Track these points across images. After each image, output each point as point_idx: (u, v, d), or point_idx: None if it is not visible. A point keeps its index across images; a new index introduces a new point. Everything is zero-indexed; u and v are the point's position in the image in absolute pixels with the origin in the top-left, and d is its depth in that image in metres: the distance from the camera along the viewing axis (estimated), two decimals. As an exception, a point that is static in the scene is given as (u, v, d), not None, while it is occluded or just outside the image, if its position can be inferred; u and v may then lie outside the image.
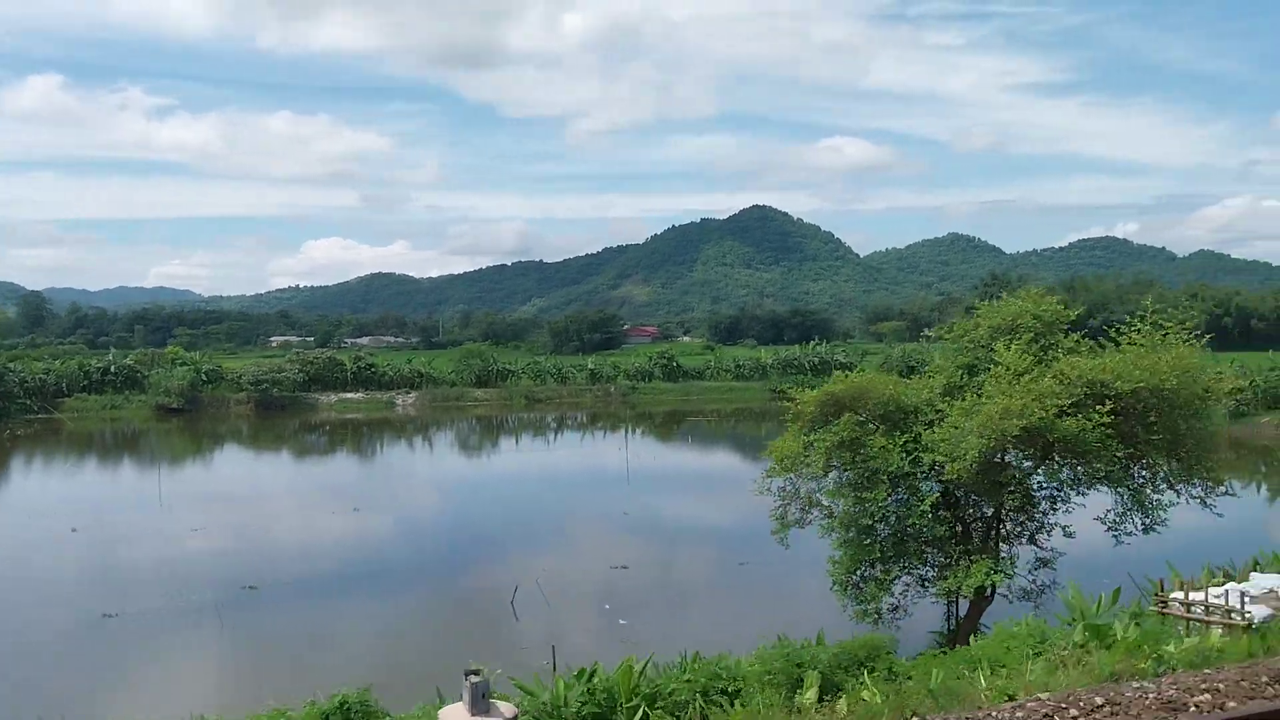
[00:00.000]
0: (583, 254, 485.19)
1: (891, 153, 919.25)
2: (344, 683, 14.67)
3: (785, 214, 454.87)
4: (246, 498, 49.43)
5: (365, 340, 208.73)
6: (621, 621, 26.12)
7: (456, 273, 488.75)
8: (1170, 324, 19.49)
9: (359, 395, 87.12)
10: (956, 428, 17.36)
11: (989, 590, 18.83)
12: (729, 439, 68.75)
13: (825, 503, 19.70)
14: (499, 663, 21.67)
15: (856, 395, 19.18)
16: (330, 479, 56.53)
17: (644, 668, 13.96)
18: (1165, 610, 13.41)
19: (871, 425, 19.18)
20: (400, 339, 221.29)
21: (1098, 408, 16.94)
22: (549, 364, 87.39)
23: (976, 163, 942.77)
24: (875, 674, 11.59)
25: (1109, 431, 17.04)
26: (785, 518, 20.48)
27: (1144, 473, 18.85)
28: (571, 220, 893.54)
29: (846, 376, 19.64)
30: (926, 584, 19.27)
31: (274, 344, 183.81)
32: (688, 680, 12.72)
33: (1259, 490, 46.23)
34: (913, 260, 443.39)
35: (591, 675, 13.54)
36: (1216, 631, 12.14)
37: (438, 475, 58.59)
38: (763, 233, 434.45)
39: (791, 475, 20.16)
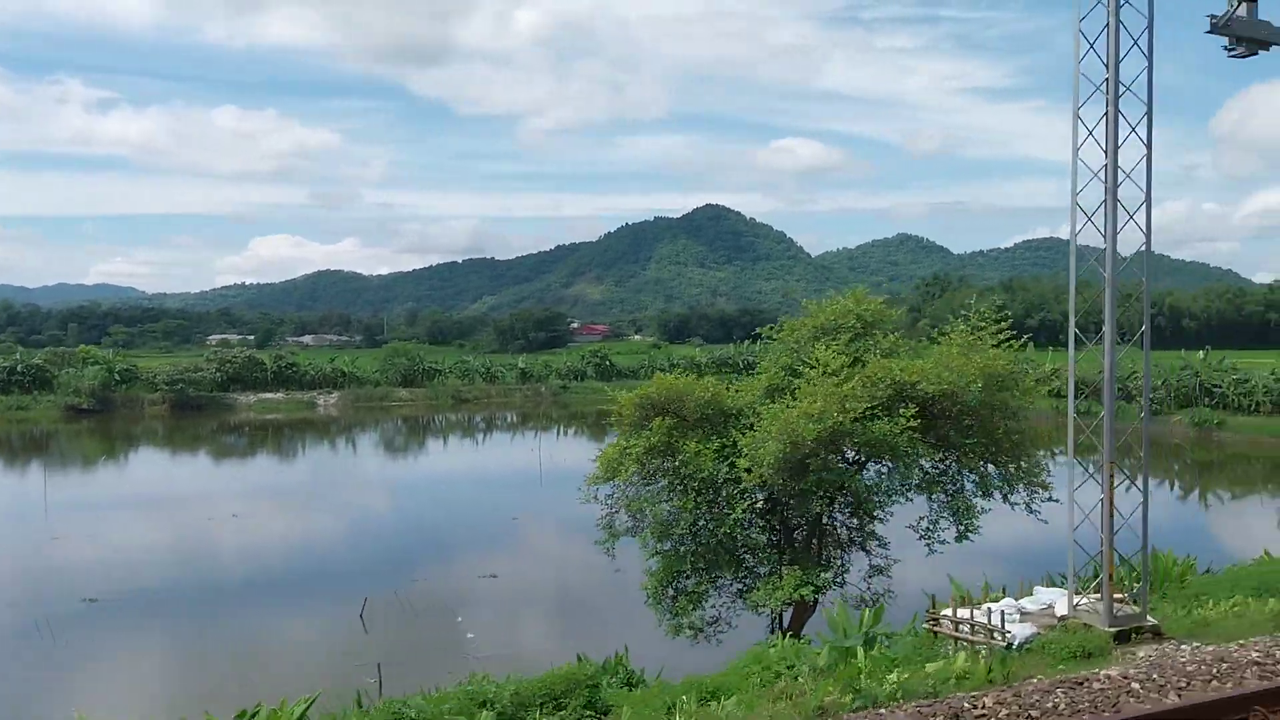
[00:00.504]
0: (535, 252, 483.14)
1: (843, 154, 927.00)
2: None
3: (738, 213, 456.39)
4: (136, 503, 47.73)
5: (308, 339, 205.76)
6: (470, 635, 25.09)
7: (407, 270, 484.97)
8: (987, 325, 18.79)
9: (279, 395, 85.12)
10: (762, 432, 16.51)
11: (812, 602, 18.03)
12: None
13: (647, 511, 18.78)
14: (329, 681, 20.79)
15: (673, 398, 18.28)
16: (233, 483, 54.86)
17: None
18: (936, 629, 12.62)
19: (689, 429, 18.29)
20: (344, 337, 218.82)
21: (902, 410, 16.20)
22: (478, 363, 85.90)
23: (926, 165, 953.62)
24: (566, 712, 10.60)
25: (916, 435, 16.31)
26: (613, 526, 19.55)
27: (961, 477, 18.13)
28: (525, 219, 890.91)
29: (664, 378, 18.71)
30: (743, 596, 18.38)
31: (212, 343, 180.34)
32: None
33: (1171, 489, 45.74)
34: (863, 260, 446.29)
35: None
36: (981, 652, 11.38)
37: (341, 479, 57.04)
38: (716, 232, 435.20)
39: (618, 482, 19.23)
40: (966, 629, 11.97)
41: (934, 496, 17.72)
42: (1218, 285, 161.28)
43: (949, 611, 12.62)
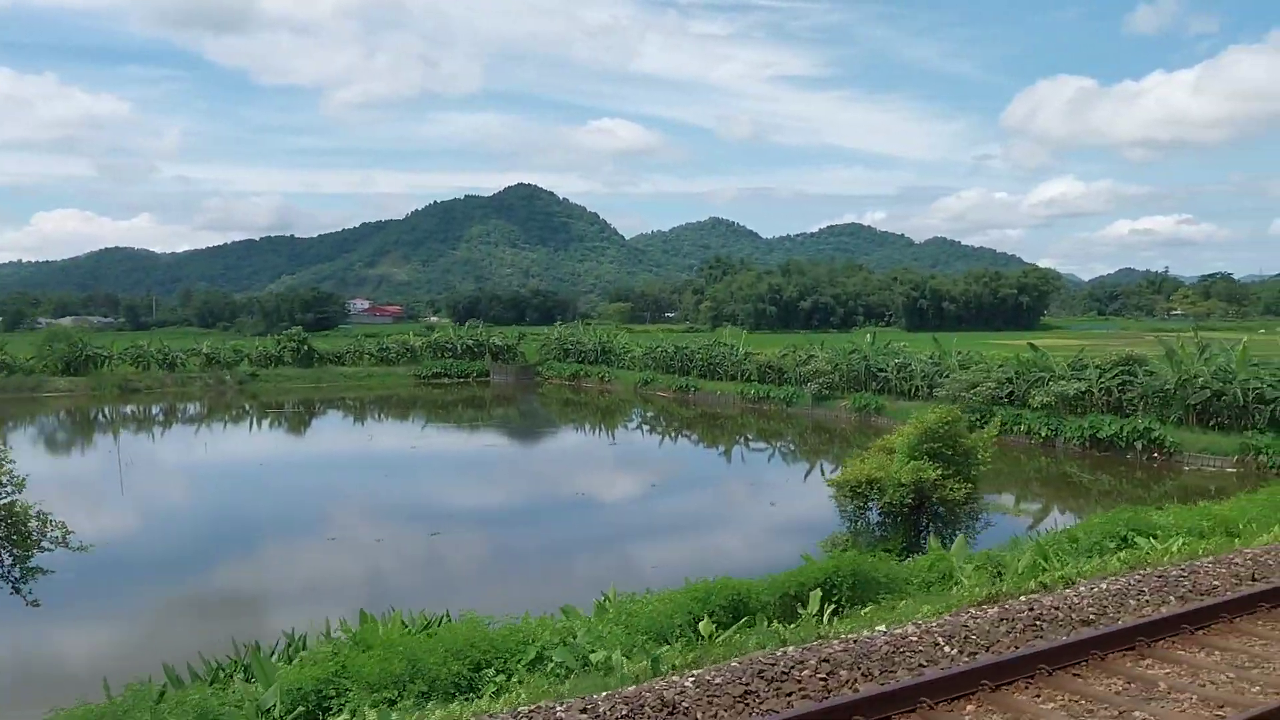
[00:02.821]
0: (339, 230, 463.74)
1: (659, 138, 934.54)
2: None
3: (551, 193, 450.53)
4: None
5: (68, 320, 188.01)
6: None
7: (203, 248, 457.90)
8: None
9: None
10: None
11: None
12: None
13: None
14: None
15: None
16: None
17: None
18: None
19: None
20: (109, 319, 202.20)
21: None
22: (154, 347, 76.69)
23: (739, 150, 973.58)
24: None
25: None
26: None
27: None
28: (334, 196, 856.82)
29: None
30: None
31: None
32: None
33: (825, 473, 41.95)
34: (676, 243, 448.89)
35: None
36: None
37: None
38: (528, 212, 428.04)
39: None
40: None
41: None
42: (975, 269, 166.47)
43: None
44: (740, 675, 7.89)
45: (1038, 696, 7.70)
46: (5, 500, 15.65)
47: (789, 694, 7.70)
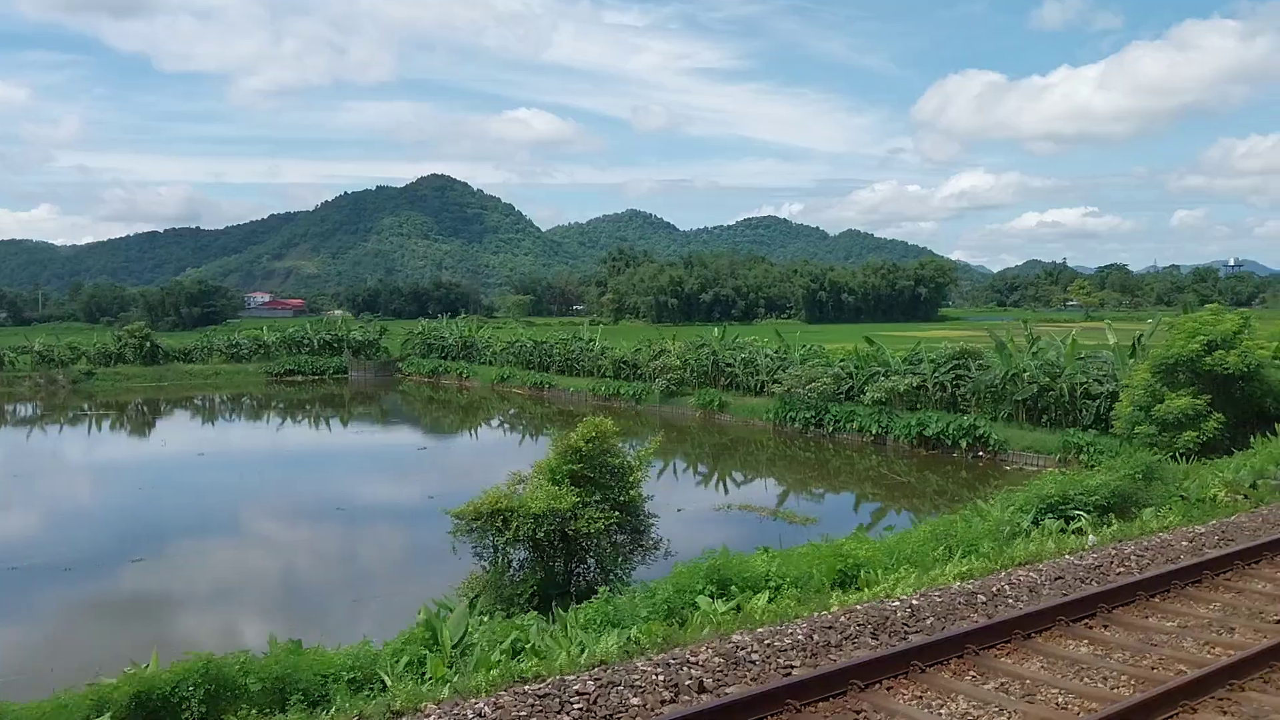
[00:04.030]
0: (247, 221, 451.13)
1: (575, 128, 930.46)
2: None
3: (465, 184, 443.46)
4: None
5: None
6: None
7: (104, 241, 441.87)
8: None
9: None
10: None
11: None
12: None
13: None
14: None
15: None
16: None
17: None
18: None
19: None
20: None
21: None
22: (-16, 345, 71.59)
23: (655, 142, 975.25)
24: None
25: None
26: None
27: None
28: (244, 186, 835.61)
29: None
30: None
31: None
32: None
33: (694, 472, 39.25)
34: (593, 235, 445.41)
35: None
36: None
37: None
38: (441, 203, 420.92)
39: None
40: None
41: None
42: (874, 261, 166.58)
43: None
44: None
45: None
46: None
47: None
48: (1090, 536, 13.70)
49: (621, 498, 13.84)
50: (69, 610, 19.28)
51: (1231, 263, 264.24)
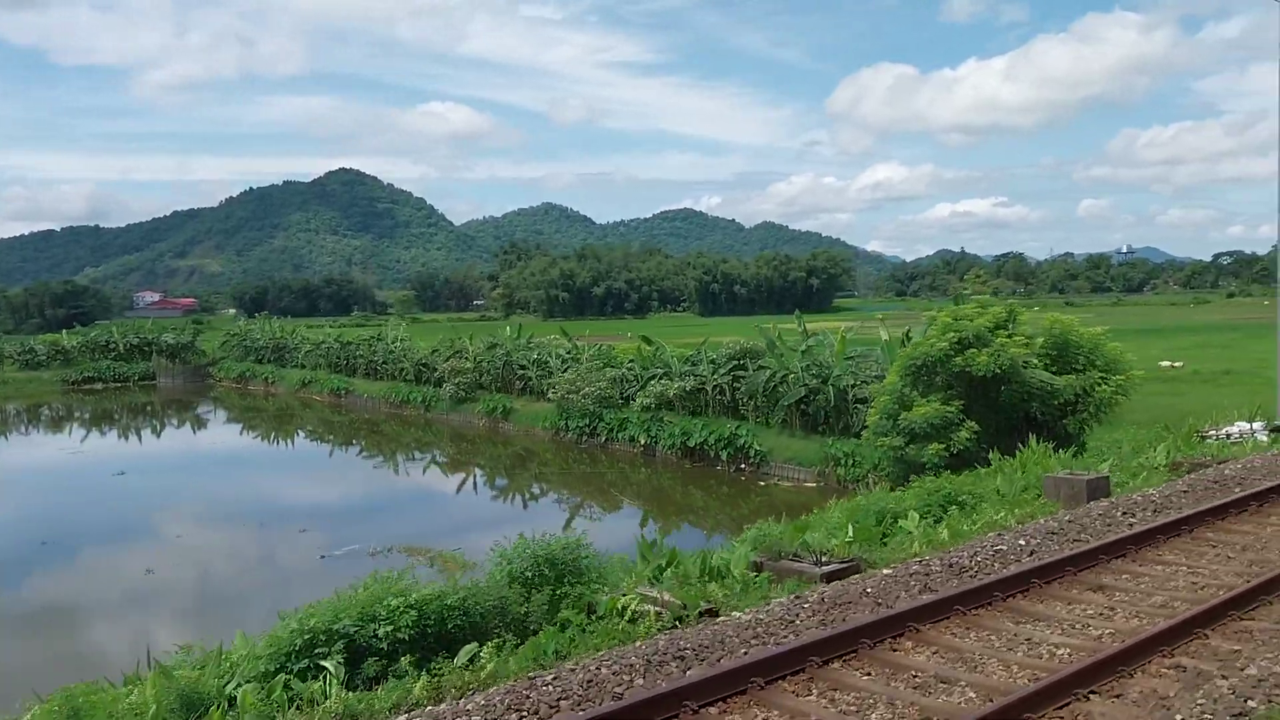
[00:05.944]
0: (149, 219, 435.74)
1: (491, 121, 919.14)
2: None
3: (375, 179, 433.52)
4: None
5: None
6: None
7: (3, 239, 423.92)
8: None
9: None
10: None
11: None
12: None
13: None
14: None
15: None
16: None
17: None
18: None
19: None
20: None
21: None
22: None
23: (573, 135, 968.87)
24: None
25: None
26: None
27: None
28: (149, 183, 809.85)
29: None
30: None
31: None
32: None
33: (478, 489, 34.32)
34: (508, 229, 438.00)
35: None
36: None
37: None
38: (350, 198, 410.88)
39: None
40: None
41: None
42: (766, 253, 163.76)
43: None
44: None
45: None
46: None
47: None
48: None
49: None
50: None
51: (1125, 249, 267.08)
